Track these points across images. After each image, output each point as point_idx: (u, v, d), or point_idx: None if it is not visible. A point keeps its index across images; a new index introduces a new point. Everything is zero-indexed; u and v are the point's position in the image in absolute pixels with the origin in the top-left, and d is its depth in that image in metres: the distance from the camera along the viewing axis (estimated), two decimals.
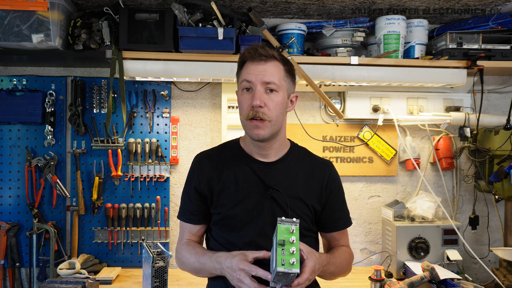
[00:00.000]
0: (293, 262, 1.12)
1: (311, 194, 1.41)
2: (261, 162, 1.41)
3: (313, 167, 1.46)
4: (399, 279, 2.13)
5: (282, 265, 1.11)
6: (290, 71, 1.39)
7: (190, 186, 1.43)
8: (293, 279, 1.14)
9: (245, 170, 1.39)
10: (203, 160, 1.45)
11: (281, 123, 1.37)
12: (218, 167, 1.41)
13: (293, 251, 1.13)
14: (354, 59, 2.17)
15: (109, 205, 2.34)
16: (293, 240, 1.15)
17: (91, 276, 2.12)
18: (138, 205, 2.36)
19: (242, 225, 1.36)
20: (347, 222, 1.52)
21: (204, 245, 1.50)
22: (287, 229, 1.17)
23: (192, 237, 1.46)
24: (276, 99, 1.33)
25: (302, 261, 1.20)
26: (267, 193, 1.36)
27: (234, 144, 1.47)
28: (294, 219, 1.19)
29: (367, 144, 2.50)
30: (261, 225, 1.35)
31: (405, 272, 2.20)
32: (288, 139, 1.49)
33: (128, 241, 2.37)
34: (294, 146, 1.49)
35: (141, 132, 2.41)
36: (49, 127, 2.32)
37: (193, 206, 1.42)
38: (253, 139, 1.36)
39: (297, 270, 1.11)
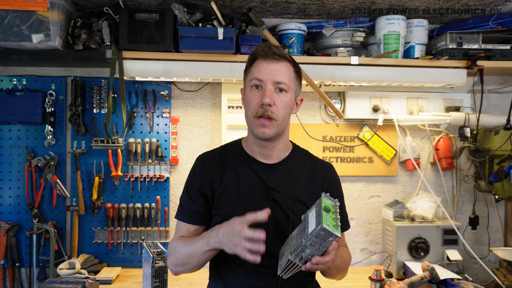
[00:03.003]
0: (337, 226, 1.12)
1: (312, 196, 1.40)
2: (263, 163, 1.40)
3: (315, 170, 1.46)
4: (399, 279, 2.13)
5: (327, 225, 1.11)
6: (298, 73, 1.40)
7: (193, 186, 1.41)
8: (329, 245, 1.14)
9: (247, 172, 1.39)
10: (205, 161, 1.44)
11: (286, 124, 1.38)
12: (220, 169, 1.40)
13: (337, 219, 1.14)
14: (354, 59, 2.17)
15: (109, 205, 2.34)
16: (336, 213, 1.16)
17: (91, 276, 2.12)
18: (138, 205, 2.36)
19: None
20: (346, 225, 1.52)
21: None
22: (330, 204, 1.19)
23: (189, 235, 1.43)
24: (285, 99, 1.33)
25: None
26: (268, 195, 1.36)
27: (235, 145, 1.47)
28: (337, 201, 1.21)
29: (367, 144, 2.50)
30: (262, 227, 1.34)
31: (405, 272, 2.20)
32: (290, 141, 1.50)
33: (128, 241, 2.37)
34: (296, 148, 1.49)
35: (141, 132, 2.41)
36: (49, 127, 2.32)
37: (197, 206, 1.40)
38: (257, 138, 1.35)
39: (339, 235, 1.11)
